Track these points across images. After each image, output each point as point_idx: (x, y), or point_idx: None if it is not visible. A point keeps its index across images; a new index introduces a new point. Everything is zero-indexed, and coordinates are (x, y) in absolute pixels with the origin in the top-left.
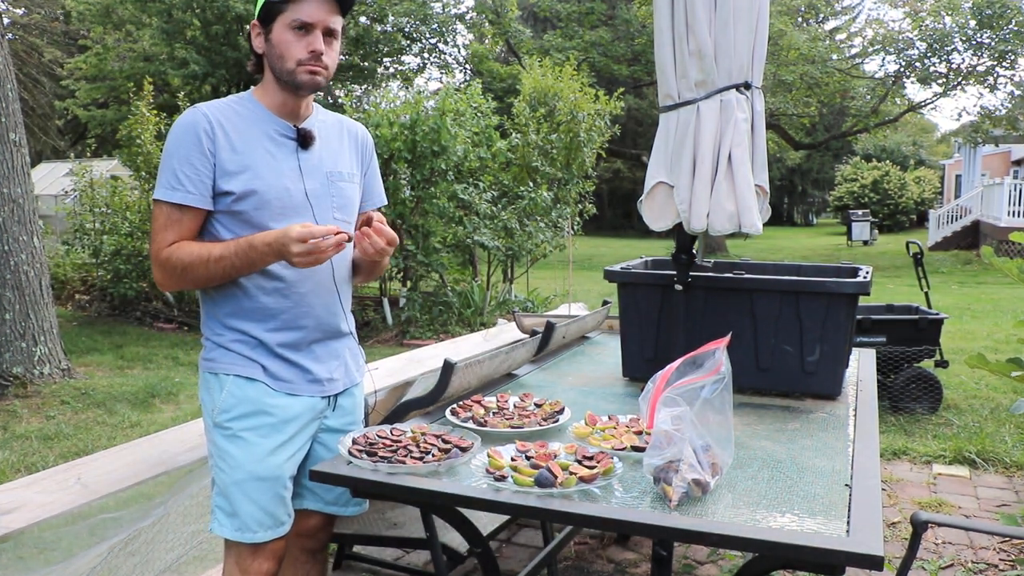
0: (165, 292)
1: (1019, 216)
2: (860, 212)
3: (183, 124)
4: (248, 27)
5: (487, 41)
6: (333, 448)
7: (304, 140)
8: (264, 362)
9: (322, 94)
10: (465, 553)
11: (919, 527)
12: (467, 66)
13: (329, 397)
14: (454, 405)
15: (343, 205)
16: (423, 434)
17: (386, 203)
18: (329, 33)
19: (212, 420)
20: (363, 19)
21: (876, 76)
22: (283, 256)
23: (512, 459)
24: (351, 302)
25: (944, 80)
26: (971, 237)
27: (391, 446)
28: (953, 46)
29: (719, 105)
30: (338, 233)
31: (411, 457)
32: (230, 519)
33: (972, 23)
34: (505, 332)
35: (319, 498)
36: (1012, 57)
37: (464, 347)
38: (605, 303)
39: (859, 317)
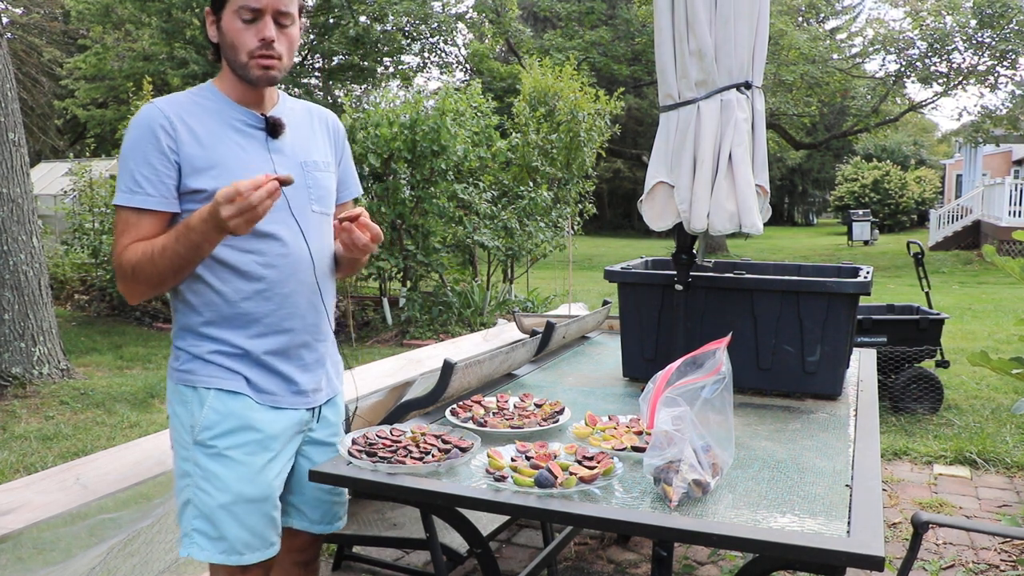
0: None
1: (1020, 216)
2: (861, 212)
3: (139, 122)
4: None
5: (487, 40)
6: (317, 461)
7: (274, 129)
8: (247, 373)
9: (322, 94)
10: (465, 554)
11: (920, 527)
12: (467, 65)
13: (314, 409)
14: (454, 405)
15: (321, 196)
16: (423, 434)
17: (361, 193)
18: (283, 16)
19: (192, 438)
20: (363, 18)
21: (877, 76)
22: (220, 226)
23: (512, 459)
24: (335, 302)
25: (945, 80)
26: (972, 237)
27: (391, 446)
28: (954, 45)
29: (719, 105)
30: (270, 181)
31: (411, 457)
32: (214, 543)
33: (973, 22)
34: (505, 332)
35: (305, 517)
36: (1013, 56)
37: (464, 347)
38: (605, 303)
39: (860, 317)
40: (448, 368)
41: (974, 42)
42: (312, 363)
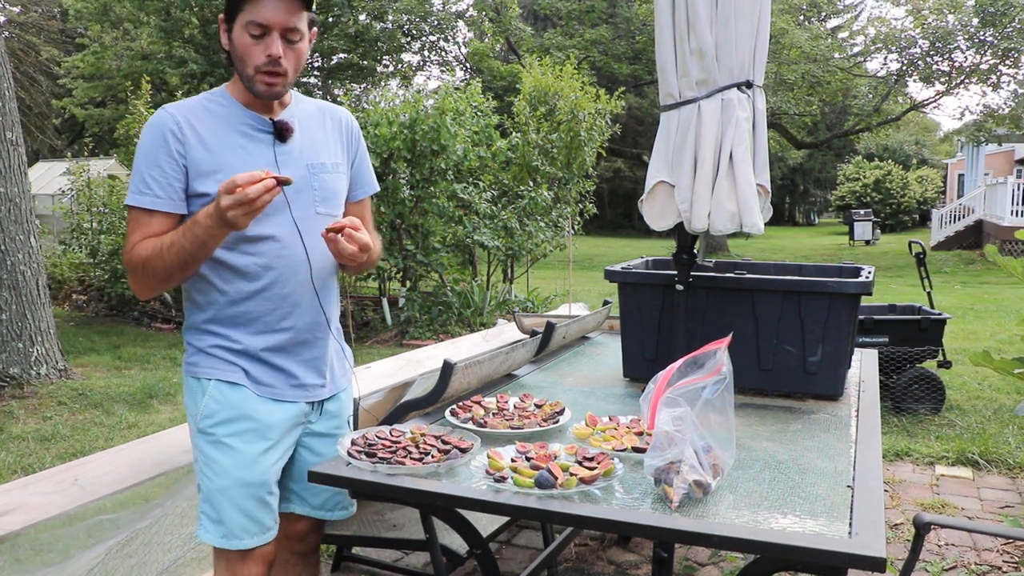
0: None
1: (1022, 215)
2: (862, 211)
3: (150, 126)
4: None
5: (487, 39)
6: (319, 452)
7: (281, 133)
8: (246, 366)
9: (321, 93)
10: (465, 555)
11: (922, 528)
12: (467, 64)
13: (314, 403)
14: (454, 406)
15: (327, 198)
16: (422, 435)
17: (378, 189)
18: (291, 32)
19: (196, 426)
20: (363, 16)
21: (878, 75)
22: (222, 219)
23: (512, 460)
24: (339, 301)
25: (947, 79)
26: (974, 236)
27: (390, 447)
28: (956, 44)
29: (720, 104)
30: (267, 178)
31: (410, 458)
32: (216, 526)
33: (975, 21)
34: (505, 332)
35: (306, 503)
36: (1015, 55)
37: (464, 347)
38: (605, 303)
39: (861, 317)
40: (448, 368)
41: (976, 41)
42: (312, 359)
